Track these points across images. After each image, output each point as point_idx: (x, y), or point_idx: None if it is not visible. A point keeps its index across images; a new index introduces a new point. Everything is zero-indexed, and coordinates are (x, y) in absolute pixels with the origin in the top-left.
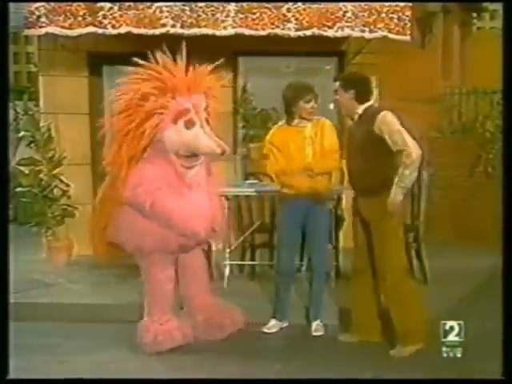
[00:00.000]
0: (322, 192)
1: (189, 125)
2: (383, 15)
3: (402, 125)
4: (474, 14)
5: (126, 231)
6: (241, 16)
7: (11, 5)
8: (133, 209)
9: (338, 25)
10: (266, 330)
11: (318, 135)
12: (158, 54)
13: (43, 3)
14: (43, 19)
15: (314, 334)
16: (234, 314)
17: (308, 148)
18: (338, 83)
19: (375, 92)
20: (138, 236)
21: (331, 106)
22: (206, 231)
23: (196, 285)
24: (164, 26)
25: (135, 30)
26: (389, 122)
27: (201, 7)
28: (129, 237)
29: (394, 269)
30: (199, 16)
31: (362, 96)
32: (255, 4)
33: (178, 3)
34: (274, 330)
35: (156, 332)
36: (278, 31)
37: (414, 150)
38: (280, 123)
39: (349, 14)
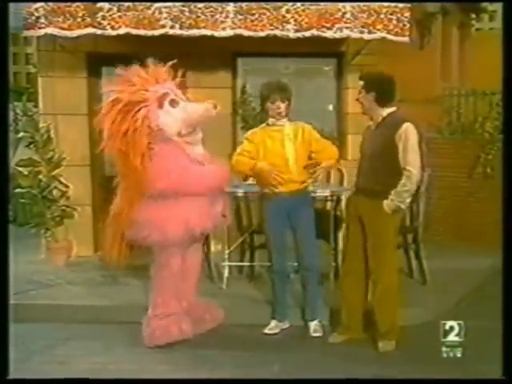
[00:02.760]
0: (301, 188)
1: (174, 104)
2: (382, 16)
3: (420, 142)
4: (473, 16)
5: (149, 225)
6: (240, 17)
7: (10, 5)
8: (159, 200)
9: (337, 26)
10: (267, 331)
11: (299, 138)
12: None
13: (42, 4)
14: (42, 20)
15: (313, 334)
16: (213, 309)
17: (288, 144)
18: (360, 82)
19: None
20: (162, 226)
21: (330, 107)
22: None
23: (192, 283)
24: (163, 27)
25: (134, 31)
26: (408, 136)
27: (200, 8)
28: (151, 230)
29: (388, 271)
30: (198, 17)
31: (384, 98)
32: (254, 5)
33: (176, 4)
34: (275, 331)
35: (154, 326)
36: (277, 32)
37: (416, 174)
38: (258, 127)
39: (348, 15)
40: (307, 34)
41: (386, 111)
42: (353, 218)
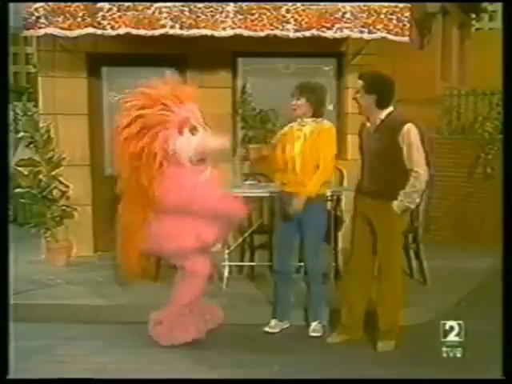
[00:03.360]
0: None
1: (194, 131)
2: (382, 16)
3: (423, 141)
4: (473, 15)
5: (164, 236)
6: (240, 17)
7: (10, 5)
8: (171, 215)
9: (337, 26)
10: (267, 330)
11: (314, 138)
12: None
13: (42, 4)
14: (42, 20)
15: (312, 334)
16: (213, 310)
17: (297, 145)
18: (360, 82)
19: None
20: (178, 237)
21: (330, 107)
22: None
23: None
24: (163, 26)
25: (134, 31)
26: (411, 137)
27: (200, 8)
28: (167, 241)
29: (394, 271)
30: (198, 17)
31: (384, 101)
32: (254, 5)
33: (176, 4)
34: (276, 330)
35: (172, 325)
36: (277, 32)
37: (423, 174)
38: (290, 124)
39: (348, 15)
40: (307, 33)
41: (384, 113)
42: (361, 219)
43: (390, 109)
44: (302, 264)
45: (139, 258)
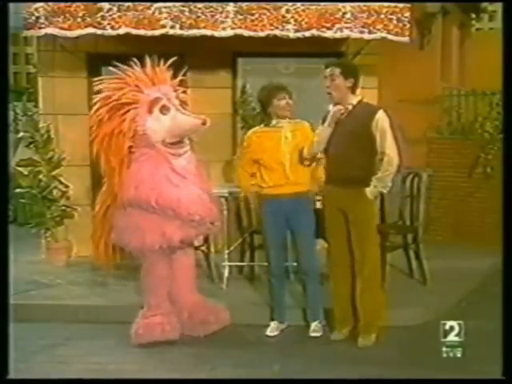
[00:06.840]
0: (301, 190)
1: (164, 110)
2: (382, 16)
3: (392, 127)
4: (473, 15)
5: (128, 232)
6: (240, 17)
7: (10, 5)
8: (136, 208)
9: (337, 26)
10: (268, 334)
11: (297, 138)
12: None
13: (42, 4)
14: (42, 20)
15: (312, 334)
16: (219, 311)
17: (284, 146)
18: (337, 69)
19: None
20: (140, 235)
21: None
22: (209, 219)
23: (185, 285)
24: (163, 27)
25: (134, 31)
26: (384, 123)
27: (200, 8)
28: (131, 237)
29: (371, 259)
30: (198, 17)
31: (357, 86)
32: (254, 5)
33: (176, 4)
34: (277, 333)
35: (139, 325)
36: (277, 32)
37: (395, 157)
38: (257, 127)
39: (348, 15)
40: (307, 33)
41: (355, 99)
42: (333, 210)
43: (359, 96)
44: (297, 264)
45: (106, 246)
